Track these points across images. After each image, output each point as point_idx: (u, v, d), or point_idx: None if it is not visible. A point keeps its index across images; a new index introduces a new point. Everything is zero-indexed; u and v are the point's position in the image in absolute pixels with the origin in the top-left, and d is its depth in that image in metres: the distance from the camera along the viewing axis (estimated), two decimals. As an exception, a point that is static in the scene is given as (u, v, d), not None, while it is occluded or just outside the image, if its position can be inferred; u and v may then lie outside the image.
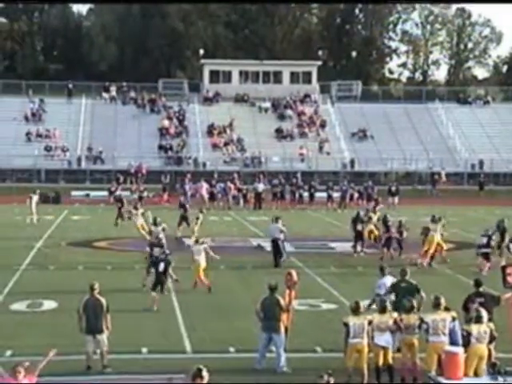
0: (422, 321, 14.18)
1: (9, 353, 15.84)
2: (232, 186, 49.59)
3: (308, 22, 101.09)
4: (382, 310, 14.46)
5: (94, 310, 15.03)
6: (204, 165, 59.11)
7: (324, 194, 48.95)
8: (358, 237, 29.02)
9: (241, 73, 69.69)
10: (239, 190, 49.79)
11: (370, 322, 14.35)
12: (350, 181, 53.35)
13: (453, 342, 14.07)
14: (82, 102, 65.75)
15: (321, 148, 61.67)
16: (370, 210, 33.02)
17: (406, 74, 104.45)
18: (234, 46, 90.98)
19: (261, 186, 48.74)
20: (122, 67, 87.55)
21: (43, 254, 21.30)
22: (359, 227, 29.00)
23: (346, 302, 19.40)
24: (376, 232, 29.45)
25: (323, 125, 64.74)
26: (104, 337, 14.97)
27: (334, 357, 15.11)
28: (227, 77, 69.21)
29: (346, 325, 14.22)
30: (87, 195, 52.43)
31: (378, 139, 63.68)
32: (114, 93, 67.10)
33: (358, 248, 29.06)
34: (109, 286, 22.27)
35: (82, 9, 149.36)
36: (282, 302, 15.40)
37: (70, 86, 67.42)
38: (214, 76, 69.07)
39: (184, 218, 33.94)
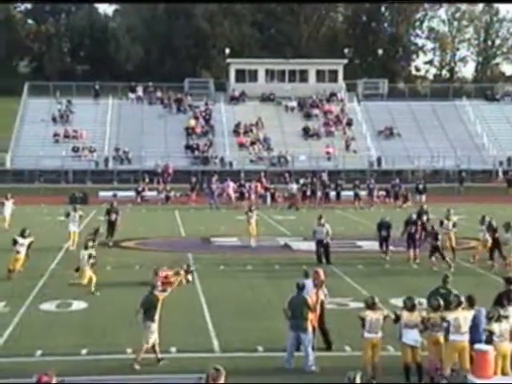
0: (443, 319, 14.15)
1: (39, 352, 15.96)
2: (259, 185, 49.66)
3: (334, 20, 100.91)
4: (411, 308, 14.42)
5: (149, 303, 15.58)
6: (230, 164, 59.18)
7: (351, 193, 48.86)
8: (410, 240, 27.44)
9: (267, 72, 69.64)
10: (266, 189, 49.82)
11: (385, 317, 14.48)
12: (376, 179, 53.15)
13: (473, 339, 14.05)
14: (108, 102, 66.10)
15: (347, 146, 61.51)
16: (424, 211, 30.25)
17: (433, 71, 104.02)
18: (259, 45, 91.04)
19: (294, 187, 48.73)
20: (148, 67, 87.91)
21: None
22: (412, 230, 27.44)
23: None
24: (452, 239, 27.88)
25: (350, 123, 64.58)
26: (153, 325, 15.32)
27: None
28: (253, 76, 69.21)
29: (363, 319, 14.34)
30: (115, 195, 52.60)
31: (404, 137, 63.39)
32: (140, 93, 67.38)
33: (412, 253, 27.29)
34: (137, 286, 22.40)
35: (108, 10, 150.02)
36: (309, 301, 15.39)
37: (97, 86, 67.75)
38: (240, 75, 69.11)
39: (112, 225, 31.20)
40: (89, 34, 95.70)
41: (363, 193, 48.89)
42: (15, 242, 24.07)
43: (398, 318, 14.41)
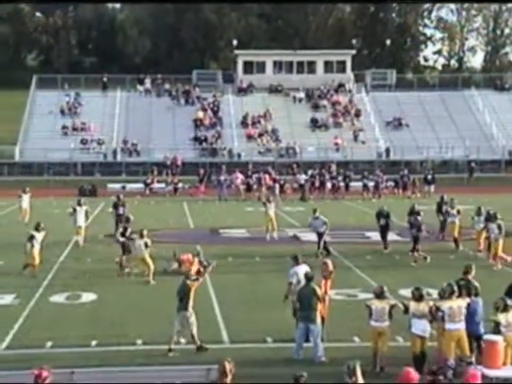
0: (437, 309, 14.16)
1: (49, 344, 16.01)
2: (267, 176, 49.65)
3: (341, 10, 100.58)
4: (419, 298, 14.41)
5: (182, 292, 15.87)
6: (239, 156, 59.19)
7: (359, 184, 48.81)
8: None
9: (275, 63, 69.54)
10: (274, 180, 49.79)
11: (392, 307, 14.53)
12: (385, 170, 53.16)
13: (469, 329, 14.07)
14: (116, 94, 66.17)
15: (356, 137, 61.41)
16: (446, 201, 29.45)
17: (442, 61, 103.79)
18: (267, 37, 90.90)
19: (303, 177, 48.73)
20: (156, 59, 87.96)
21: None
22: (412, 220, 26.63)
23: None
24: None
25: (358, 114, 64.46)
26: (187, 314, 15.58)
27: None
28: (261, 67, 69.14)
29: (369, 308, 14.48)
30: (123, 187, 52.74)
31: (413, 127, 63.26)
32: (148, 85, 67.40)
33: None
34: (146, 277, 22.44)
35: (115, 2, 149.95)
36: (318, 291, 15.39)
37: (105, 79, 67.81)
38: (248, 67, 69.04)
39: (120, 219, 29.47)
40: (96, 27, 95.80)
41: (372, 183, 48.82)
42: (32, 237, 23.51)
43: (407, 309, 14.42)
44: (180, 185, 50.90)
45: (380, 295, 14.64)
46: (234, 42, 73.12)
